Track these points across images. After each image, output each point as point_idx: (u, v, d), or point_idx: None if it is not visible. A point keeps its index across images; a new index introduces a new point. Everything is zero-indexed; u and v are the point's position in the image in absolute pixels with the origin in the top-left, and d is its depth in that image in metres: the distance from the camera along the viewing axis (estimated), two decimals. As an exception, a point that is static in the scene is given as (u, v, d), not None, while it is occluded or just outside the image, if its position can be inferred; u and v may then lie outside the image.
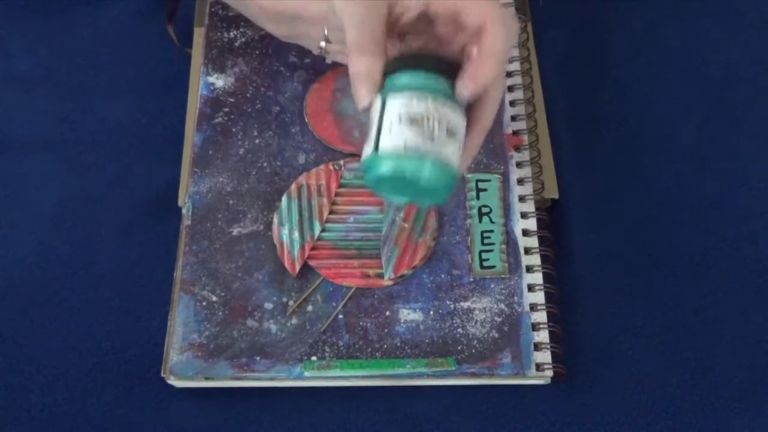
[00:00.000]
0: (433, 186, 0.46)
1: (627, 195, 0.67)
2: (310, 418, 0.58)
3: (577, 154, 0.68)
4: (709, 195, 0.67)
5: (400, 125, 0.45)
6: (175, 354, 0.58)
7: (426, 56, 0.49)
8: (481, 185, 0.64)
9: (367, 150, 0.47)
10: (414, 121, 0.45)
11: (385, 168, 0.46)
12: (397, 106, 0.46)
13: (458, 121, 0.47)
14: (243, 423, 0.58)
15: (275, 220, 0.62)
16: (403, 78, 0.47)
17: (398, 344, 0.58)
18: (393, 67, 0.48)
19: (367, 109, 0.49)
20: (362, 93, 0.49)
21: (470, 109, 0.50)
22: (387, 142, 0.46)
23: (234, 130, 0.66)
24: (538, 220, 0.63)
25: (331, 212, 0.62)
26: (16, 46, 0.74)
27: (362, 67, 0.49)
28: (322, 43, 0.59)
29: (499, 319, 0.59)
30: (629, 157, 0.68)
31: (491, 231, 0.62)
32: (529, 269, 0.61)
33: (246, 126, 0.66)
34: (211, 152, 0.65)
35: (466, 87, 0.48)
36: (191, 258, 0.61)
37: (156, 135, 0.69)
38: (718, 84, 0.72)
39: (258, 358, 0.58)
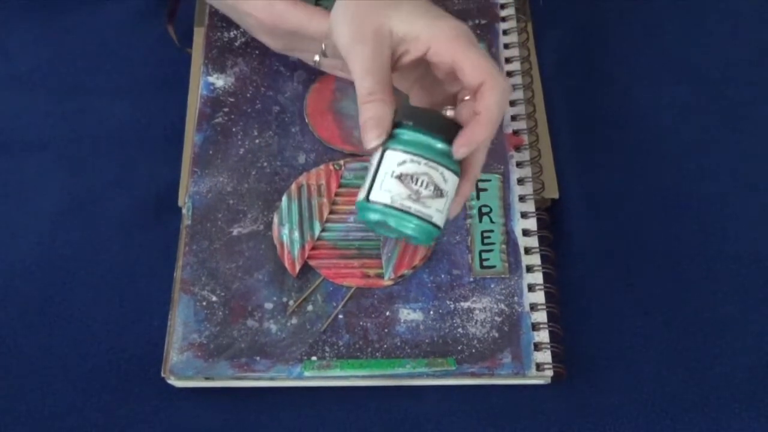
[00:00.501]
0: (415, 237, 0.51)
1: (627, 195, 0.67)
2: (310, 418, 0.58)
3: (577, 154, 0.68)
4: (709, 195, 0.67)
5: (391, 179, 0.50)
6: (175, 354, 0.58)
7: (428, 116, 0.51)
8: (481, 185, 0.64)
9: (362, 193, 0.51)
10: (404, 178, 0.49)
11: (372, 216, 0.50)
12: (393, 160, 0.50)
13: (449, 180, 0.50)
14: (243, 423, 0.58)
15: (275, 220, 0.62)
16: (405, 135, 0.50)
17: (398, 344, 0.58)
18: (397, 119, 0.51)
19: (373, 150, 0.51)
20: (371, 136, 0.50)
21: (462, 160, 0.52)
22: (377, 193, 0.50)
23: (234, 130, 0.66)
24: (538, 220, 0.63)
25: (331, 212, 0.62)
26: (16, 46, 0.74)
27: (373, 113, 0.50)
28: (317, 57, 0.60)
29: (499, 319, 0.59)
30: (629, 157, 0.68)
31: (491, 231, 0.62)
32: (529, 269, 0.61)
33: (246, 126, 0.66)
34: (211, 152, 0.65)
35: (462, 150, 0.50)
36: (191, 258, 0.61)
37: (156, 135, 0.69)
38: (717, 84, 0.72)
39: (258, 358, 0.58)
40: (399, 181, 0.49)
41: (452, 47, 0.51)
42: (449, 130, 0.50)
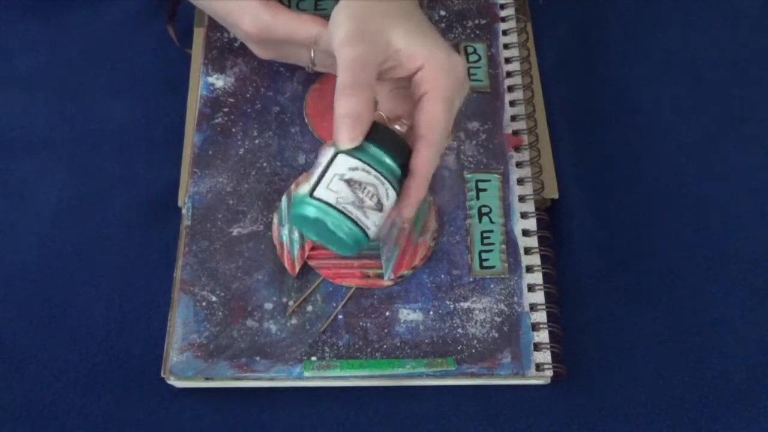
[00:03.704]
0: (344, 241, 0.51)
1: (627, 195, 0.67)
2: (310, 418, 0.58)
3: (577, 154, 0.68)
4: (709, 195, 0.67)
5: (340, 182, 0.50)
6: (175, 354, 0.58)
7: (384, 132, 0.51)
8: (481, 185, 0.64)
9: (304, 188, 0.51)
10: (353, 184, 0.50)
11: (309, 212, 0.50)
12: (344, 164, 0.50)
13: (390, 198, 0.52)
14: (243, 423, 0.58)
15: (275, 220, 0.62)
16: (362, 143, 0.50)
17: (398, 344, 0.58)
18: None
19: (348, 148, 0.50)
20: (347, 136, 0.49)
21: (413, 158, 0.52)
22: (322, 191, 0.50)
23: (234, 130, 0.66)
24: (538, 220, 0.63)
25: (331, 212, 0.62)
26: (16, 46, 0.74)
27: (352, 109, 0.49)
28: (310, 59, 0.60)
29: (498, 319, 0.59)
30: (629, 157, 0.68)
31: (491, 231, 0.62)
32: (529, 269, 0.61)
33: (246, 126, 0.66)
34: (211, 152, 0.65)
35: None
36: (191, 258, 0.61)
37: (156, 135, 0.69)
38: (718, 84, 0.72)
39: (258, 358, 0.58)
40: (347, 185, 0.50)
41: (438, 78, 0.51)
42: (401, 151, 0.51)
